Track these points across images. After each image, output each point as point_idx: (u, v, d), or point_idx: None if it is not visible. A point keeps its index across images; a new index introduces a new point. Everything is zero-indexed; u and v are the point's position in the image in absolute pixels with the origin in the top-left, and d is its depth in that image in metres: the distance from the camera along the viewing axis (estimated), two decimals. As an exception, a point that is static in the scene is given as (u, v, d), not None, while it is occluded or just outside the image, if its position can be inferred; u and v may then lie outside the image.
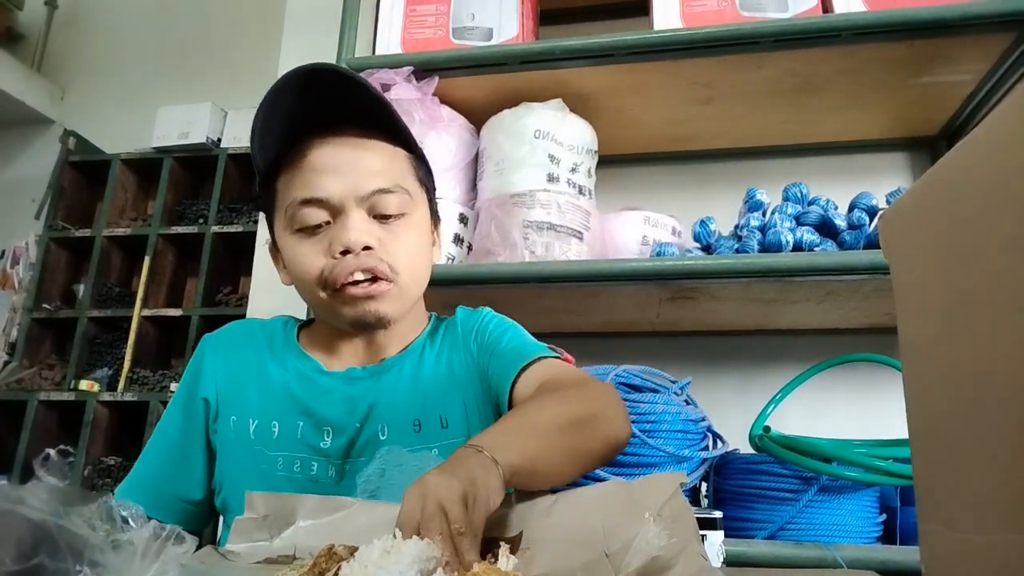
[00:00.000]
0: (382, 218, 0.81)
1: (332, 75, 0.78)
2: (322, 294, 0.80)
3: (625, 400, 1.11)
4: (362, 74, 1.36)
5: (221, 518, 0.88)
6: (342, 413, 0.82)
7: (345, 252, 0.77)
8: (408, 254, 0.82)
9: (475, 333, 0.88)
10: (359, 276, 0.78)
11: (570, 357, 0.88)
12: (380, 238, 0.79)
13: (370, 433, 0.81)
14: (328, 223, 0.79)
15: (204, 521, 0.89)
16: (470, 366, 0.86)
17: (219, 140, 2.93)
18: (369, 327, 0.82)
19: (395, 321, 0.83)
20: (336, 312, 0.81)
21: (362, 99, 0.80)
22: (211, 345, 0.90)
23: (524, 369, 0.79)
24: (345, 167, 0.79)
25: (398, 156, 0.84)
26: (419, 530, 0.50)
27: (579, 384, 0.76)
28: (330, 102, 0.79)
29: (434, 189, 0.92)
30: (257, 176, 0.86)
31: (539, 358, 0.80)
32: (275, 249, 0.88)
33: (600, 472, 1.06)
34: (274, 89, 0.77)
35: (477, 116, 1.44)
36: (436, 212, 0.92)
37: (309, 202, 0.79)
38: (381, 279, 0.79)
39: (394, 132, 0.84)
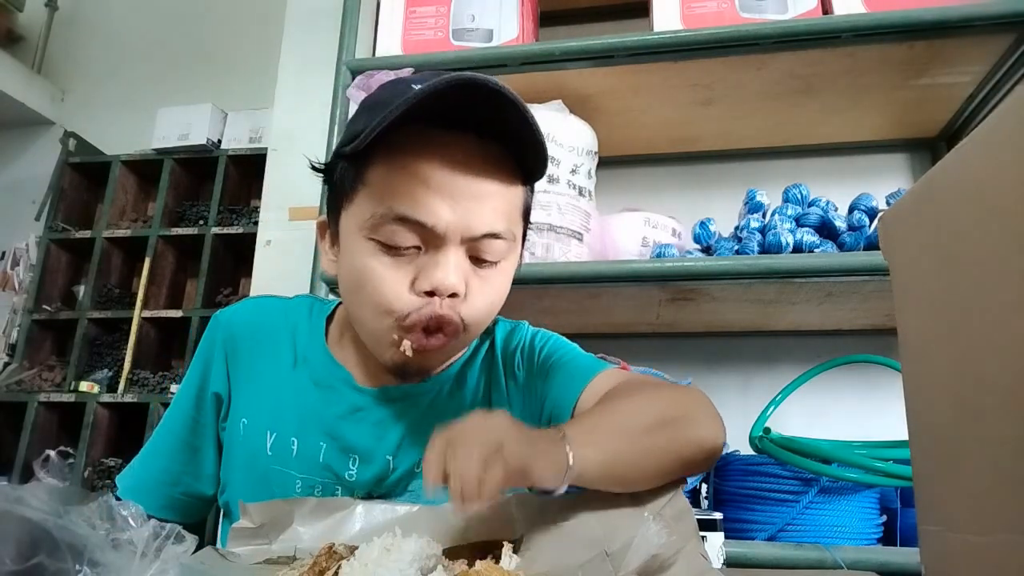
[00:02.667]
0: (478, 262, 0.68)
1: (495, 95, 0.62)
2: (386, 323, 0.68)
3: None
4: (362, 75, 1.36)
5: (225, 516, 0.82)
6: (371, 439, 0.74)
7: (432, 292, 0.66)
8: (489, 306, 0.71)
9: (518, 356, 0.80)
10: (428, 340, 0.67)
11: (626, 365, 0.82)
12: (470, 285, 0.68)
13: (405, 467, 0.74)
14: (418, 248, 0.66)
15: (209, 510, 0.83)
16: (510, 392, 0.78)
17: (219, 141, 2.93)
18: (406, 376, 0.73)
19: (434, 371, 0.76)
20: (384, 346, 0.69)
21: (511, 118, 0.65)
22: (223, 331, 0.81)
23: (591, 383, 0.73)
24: (463, 196, 0.65)
25: (516, 190, 0.71)
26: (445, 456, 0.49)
27: (662, 385, 0.70)
28: (472, 107, 0.64)
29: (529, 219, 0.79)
30: (341, 144, 0.70)
31: (600, 372, 0.74)
32: (329, 229, 0.74)
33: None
34: (428, 88, 0.61)
35: (477, 117, 1.44)
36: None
37: (407, 221, 0.64)
38: (452, 333, 0.68)
39: (522, 158, 0.70)
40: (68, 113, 3.30)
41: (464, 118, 0.65)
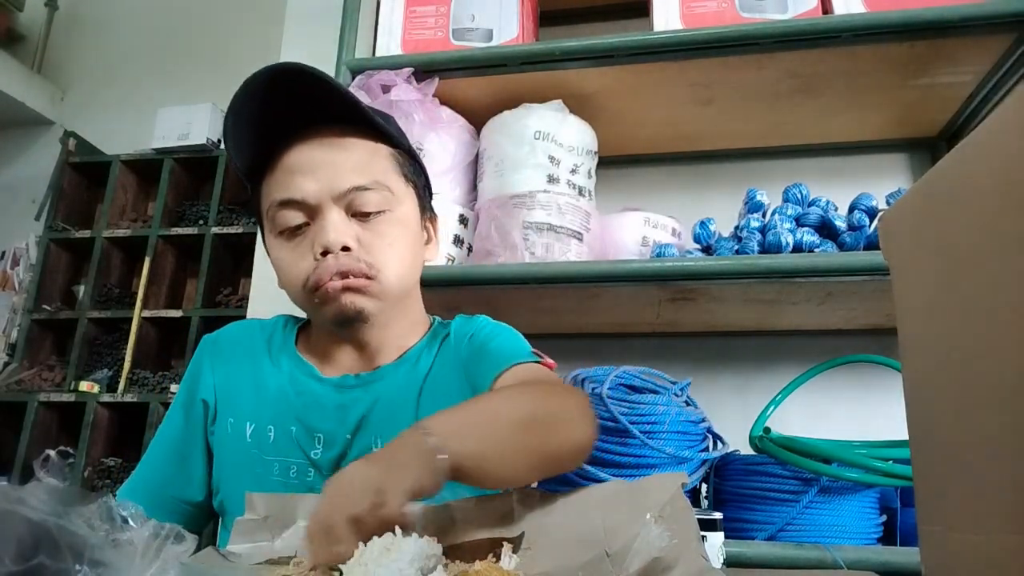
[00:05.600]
0: (361, 216, 0.79)
1: (300, 75, 0.76)
2: (307, 296, 0.79)
3: (625, 401, 1.11)
4: (362, 75, 1.36)
5: (220, 520, 0.88)
6: (333, 423, 0.81)
7: (325, 253, 0.77)
8: (390, 251, 0.80)
9: (468, 339, 0.87)
10: (336, 280, 0.77)
11: (551, 362, 0.86)
12: (359, 237, 0.78)
13: (363, 445, 0.80)
14: (307, 224, 0.79)
15: (205, 522, 0.88)
16: (460, 373, 0.84)
17: (219, 141, 2.92)
18: (349, 322, 0.80)
19: (375, 316, 0.81)
20: (319, 312, 0.81)
21: (336, 98, 0.78)
22: (210, 347, 0.90)
23: (505, 371, 0.78)
24: (320, 166, 0.78)
25: (379, 153, 0.82)
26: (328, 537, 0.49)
27: (549, 384, 0.75)
28: (304, 102, 0.77)
29: (426, 185, 0.90)
30: (244, 179, 0.86)
31: (522, 362, 0.79)
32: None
33: (600, 473, 1.06)
34: (239, 92, 0.76)
35: (477, 117, 1.44)
36: (429, 208, 0.91)
37: (286, 203, 0.78)
38: (361, 277, 0.78)
39: (374, 129, 0.82)
40: (68, 113, 3.30)
41: (312, 113, 0.79)
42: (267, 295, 1.67)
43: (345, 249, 0.77)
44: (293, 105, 0.77)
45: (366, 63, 1.39)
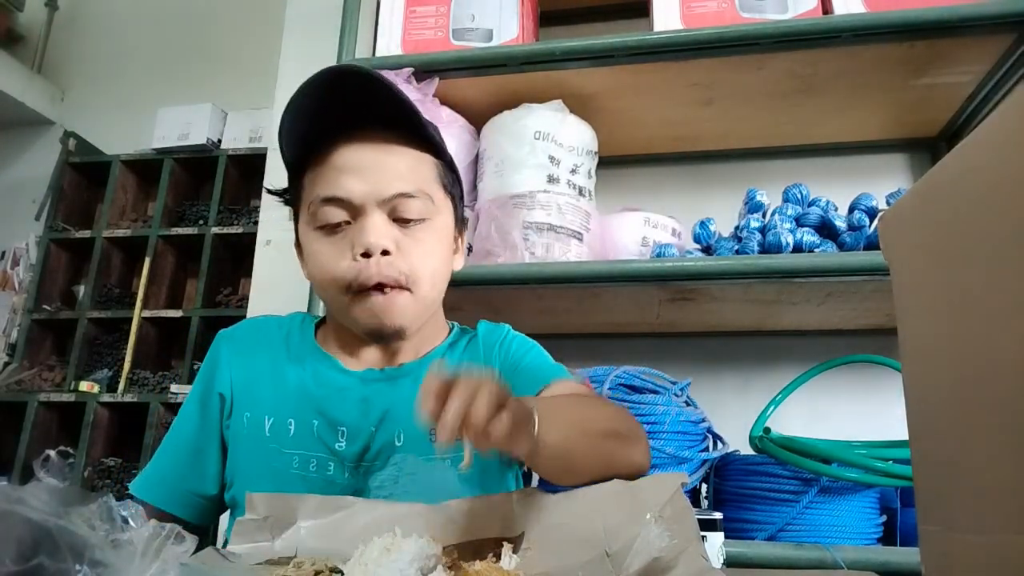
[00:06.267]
0: (402, 222, 0.80)
1: (360, 77, 0.77)
2: (341, 296, 0.80)
3: (625, 401, 1.11)
4: (362, 75, 1.36)
5: (228, 513, 0.88)
6: (356, 415, 0.82)
7: (365, 254, 0.77)
8: (426, 260, 0.82)
9: (497, 348, 0.88)
10: (378, 296, 0.78)
11: (589, 385, 0.89)
12: (399, 242, 0.79)
13: (386, 439, 0.81)
14: (348, 223, 0.80)
15: (217, 514, 0.89)
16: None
17: (219, 141, 2.93)
18: (386, 339, 0.82)
19: (412, 331, 0.83)
20: (354, 318, 0.81)
21: (389, 102, 0.80)
22: (227, 341, 0.91)
23: (549, 384, 0.80)
24: (368, 168, 0.79)
25: (423, 161, 0.84)
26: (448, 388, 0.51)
27: (612, 403, 0.79)
28: (357, 103, 0.79)
29: (461, 196, 0.91)
30: (287, 171, 0.87)
31: (561, 378, 0.82)
32: (299, 244, 0.88)
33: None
34: (302, 88, 0.77)
35: (477, 117, 1.44)
36: (462, 219, 0.92)
37: (330, 200, 0.79)
38: (398, 288, 0.79)
39: (421, 137, 0.83)
40: (68, 113, 3.30)
41: (364, 115, 0.80)
42: (267, 295, 1.67)
43: (384, 253, 0.78)
44: (349, 106, 0.79)
45: (366, 63, 1.39)
